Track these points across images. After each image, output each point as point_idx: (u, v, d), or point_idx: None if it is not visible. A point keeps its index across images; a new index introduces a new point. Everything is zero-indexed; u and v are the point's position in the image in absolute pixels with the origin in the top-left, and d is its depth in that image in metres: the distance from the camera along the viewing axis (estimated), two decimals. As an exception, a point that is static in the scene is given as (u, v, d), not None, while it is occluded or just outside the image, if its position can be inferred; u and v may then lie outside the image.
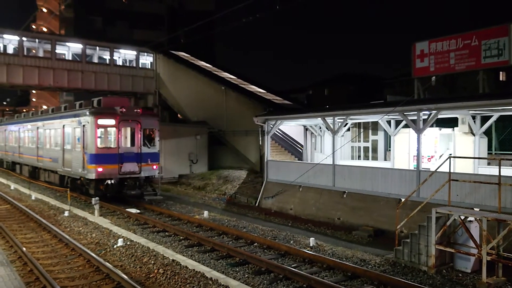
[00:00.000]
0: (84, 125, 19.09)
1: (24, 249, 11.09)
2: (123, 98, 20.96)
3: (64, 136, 21.65)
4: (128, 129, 19.61)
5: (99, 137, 18.78)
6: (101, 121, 18.60)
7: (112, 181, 18.59)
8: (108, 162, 18.51)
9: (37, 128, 26.06)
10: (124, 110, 18.99)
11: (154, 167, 19.83)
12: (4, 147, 35.40)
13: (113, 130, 19.15)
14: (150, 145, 19.77)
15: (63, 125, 21.73)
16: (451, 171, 11.02)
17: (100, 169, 18.33)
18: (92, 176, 18.40)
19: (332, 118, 18.06)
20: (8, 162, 34.30)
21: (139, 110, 19.71)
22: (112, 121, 18.79)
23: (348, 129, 22.44)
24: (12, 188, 24.14)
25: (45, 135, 24.64)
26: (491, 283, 9.06)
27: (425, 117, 14.93)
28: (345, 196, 17.01)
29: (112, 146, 19.00)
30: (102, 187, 18.61)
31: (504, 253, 9.57)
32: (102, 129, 18.94)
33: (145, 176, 19.63)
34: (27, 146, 28.26)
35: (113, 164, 18.58)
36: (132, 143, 19.54)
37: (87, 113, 18.80)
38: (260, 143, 25.07)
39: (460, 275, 9.91)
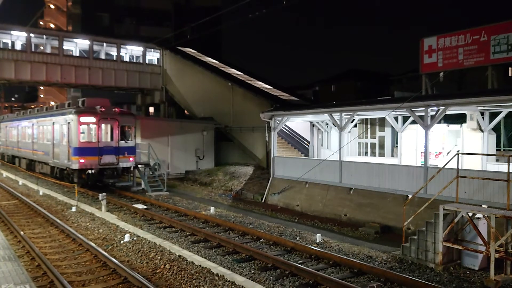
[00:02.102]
0: (69, 122, 21.34)
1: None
2: (104, 99, 23.45)
3: (54, 132, 23.91)
4: (108, 126, 21.79)
5: (82, 132, 21.08)
6: (83, 119, 20.98)
7: (93, 171, 21.00)
8: (90, 154, 20.90)
9: (33, 125, 28.21)
10: (103, 109, 21.44)
11: (131, 159, 22.18)
12: (5, 142, 37.89)
13: (94, 127, 21.38)
14: (127, 140, 22.16)
15: (53, 122, 23.96)
16: (459, 167, 10.93)
17: (82, 161, 20.74)
18: (76, 166, 20.78)
19: (339, 114, 17.97)
20: (9, 156, 36.75)
21: (117, 110, 22.17)
22: (92, 119, 21.20)
23: (355, 125, 22.34)
24: (20, 183, 24.35)
25: (39, 131, 27.18)
26: (499, 281, 8.98)
27: (433, 113, 14.79)
28: (351, 192, 16.95)
29: (93, 140, 21.26)
30: (84, 176, 21.00)
31: (513, 250, 9.50)
32: (85, 126, 21.22)
33: (123, 167, 22.04)
34: (25, 141, 30.43)
35: (94, 156, 20.99)
36: (111, 138, 21.78)
37: (72, 112, 21.12)
38: (267, 139, 25.02)
39: (468, 272, 9.85)
